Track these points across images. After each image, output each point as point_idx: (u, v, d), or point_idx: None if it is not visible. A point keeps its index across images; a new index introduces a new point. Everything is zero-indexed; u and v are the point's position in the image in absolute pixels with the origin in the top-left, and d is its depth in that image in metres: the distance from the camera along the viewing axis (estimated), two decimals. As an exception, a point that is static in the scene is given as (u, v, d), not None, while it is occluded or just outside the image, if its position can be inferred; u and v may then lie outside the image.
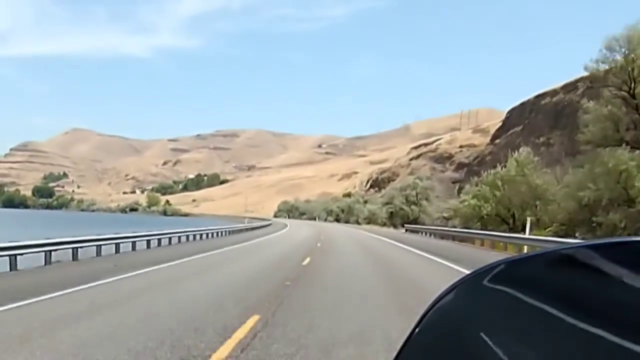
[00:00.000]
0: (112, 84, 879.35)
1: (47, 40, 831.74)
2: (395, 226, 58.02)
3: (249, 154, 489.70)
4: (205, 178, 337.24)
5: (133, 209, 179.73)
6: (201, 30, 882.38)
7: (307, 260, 18.21)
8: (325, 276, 13.80)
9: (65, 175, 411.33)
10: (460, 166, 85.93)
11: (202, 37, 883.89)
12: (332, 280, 12.98)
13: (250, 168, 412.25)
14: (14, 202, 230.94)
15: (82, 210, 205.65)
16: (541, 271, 0.87)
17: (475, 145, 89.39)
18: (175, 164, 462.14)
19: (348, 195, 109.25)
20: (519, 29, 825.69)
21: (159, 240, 24.18)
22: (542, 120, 78.54)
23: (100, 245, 18.45)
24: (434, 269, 16.93)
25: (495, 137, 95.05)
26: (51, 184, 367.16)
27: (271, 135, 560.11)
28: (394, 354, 1.02)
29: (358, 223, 78.21)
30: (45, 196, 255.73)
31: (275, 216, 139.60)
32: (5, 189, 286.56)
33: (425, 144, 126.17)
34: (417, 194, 59.78)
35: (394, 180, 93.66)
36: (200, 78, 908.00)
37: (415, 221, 57.32)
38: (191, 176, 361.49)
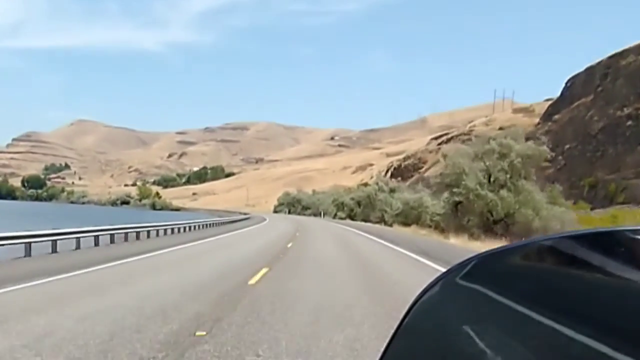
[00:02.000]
0: (123, 77, 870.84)
1: (60, 34, 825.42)
2: (472, 234, 27.52)
3: (259, 146, 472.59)
4: (210, 171, 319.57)
5: (124, 202, 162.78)
6: (213, 25, 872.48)
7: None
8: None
9: (67, 166, 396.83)
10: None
11: (214, 31, 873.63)
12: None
13: (258, 161, 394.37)
14: (1, 192, 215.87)
15: (72, 202, 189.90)
16: (519, 264, 0.85)
17: (520, 127, 70.13)
18: (180, 156, 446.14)
19: (365, 185, 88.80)
20: (535, 28, 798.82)
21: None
22: (623, 86, 58.66)
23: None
24: None
25: (551, 113, 75.52)
26: (51, 175, 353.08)
27: (282, 128, 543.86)
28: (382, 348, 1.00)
29: (384, 222, 54.50)
30: (36, 187, 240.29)
31: (275, 211, 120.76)
32: (0, 179, 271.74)
33: (447, 134, 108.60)
34: (510, 167, 28.55)
35: (420, 168, 74.40)
36: (211, 72, 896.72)
37: (510, 223, 28.70)
38: (195, 169, 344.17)
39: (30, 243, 15.29)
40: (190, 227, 32.88)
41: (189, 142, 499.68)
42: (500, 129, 73.23)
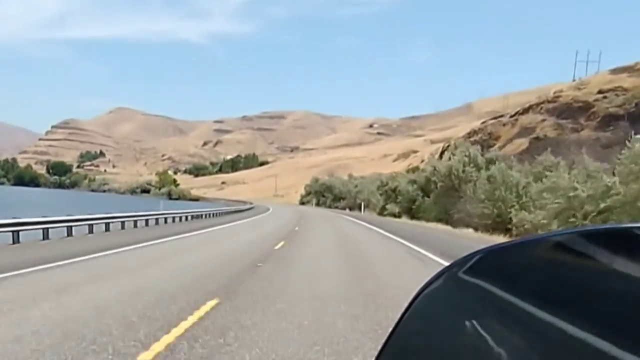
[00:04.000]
0: (164, 67, 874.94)
1: (104, 25, 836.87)
2: None
3: (295, 135, 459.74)
4: (243, 159, 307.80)
5: (145, 190, 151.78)
6: (254, 15, 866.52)
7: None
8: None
9: (101, 154, 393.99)
10: (608, 120, 49.37)
11: (255, 21, 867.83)
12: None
13: (294, 149, 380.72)
14: (24, 179, 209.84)
15: (93, 190, 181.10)
16: (525, 259, 0.83)
17: (627, 89, 52.35)
18: (215, 144, 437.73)
19: (413, 170, 67.86)
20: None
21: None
22: None
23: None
24: None
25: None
26: (85, 163, 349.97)
27: (319, 117, 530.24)
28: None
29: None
30: (60, 174, 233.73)
31: (302, 202, 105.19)
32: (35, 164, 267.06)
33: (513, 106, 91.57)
34: None
35: (491, 145, 57.55)
36: (250, 61, 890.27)
37: None
38: (229, 157, 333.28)
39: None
40: (179, 218, 31.75)
41: (225, 130, 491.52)
42: (600, 92, 55.43)
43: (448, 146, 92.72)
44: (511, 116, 67.69)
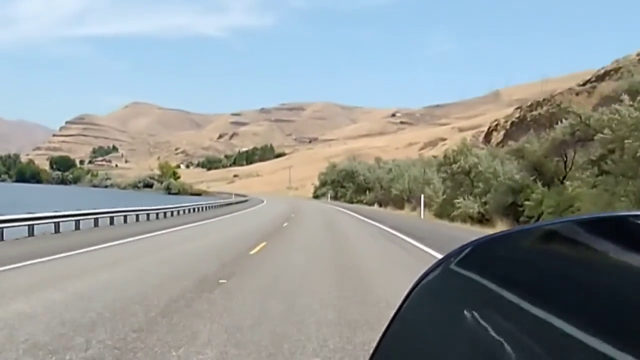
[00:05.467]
0: (181, 61, 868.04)
1: (123, 21, 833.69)
2: None
3: (314, 126, 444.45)
4: (259, 151, 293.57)
5: (147, 185, 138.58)
6: (273, 8, 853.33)
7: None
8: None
9: (114, 148, 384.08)
10: None
11: (274, 14, 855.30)
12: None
13: (312, 140, 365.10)
14: (25, 175, 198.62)
15: (94, 186, 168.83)
16: (519, 249, 0.81)
17: None
18: (231, 137, 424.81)
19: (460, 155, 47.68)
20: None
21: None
22: None
23: None
24: None
25: None
26: (98, 158, 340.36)
27: (339, 108, 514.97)
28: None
29: None
30: (64, 169, 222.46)
31: (315, 195, 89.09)
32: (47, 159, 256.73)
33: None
34: None
35: (553, 122, 41.05)
36: (269, 54, 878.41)
37: None
38: (244, 149, 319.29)
39: None
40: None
41: (242, 123, 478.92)
42: None
43: (497, 125, 76.62)
44: (581, 85, 51.48)
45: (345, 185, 75.58)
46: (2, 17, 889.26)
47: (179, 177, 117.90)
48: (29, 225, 16.34)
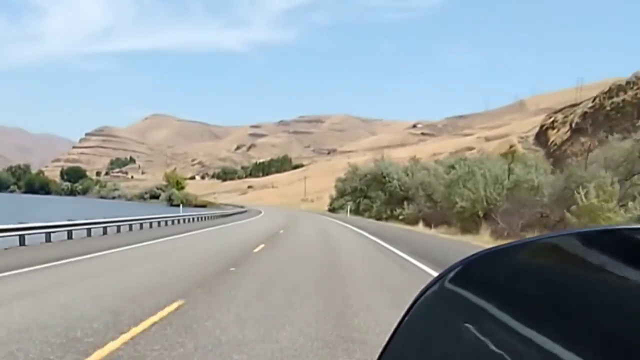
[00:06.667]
0: (204, 75, 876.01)
1: (148, 36, 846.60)
2: None
3: (333, 138, 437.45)
4: (276, 163, 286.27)
5: (154, 196, 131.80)
6: (295, 23, 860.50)
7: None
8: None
9: (132, 160, 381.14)
10: None
11: (296, 29, 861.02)
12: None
13: (331, 152, 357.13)
14: (34, 186, 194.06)
15: (102, 197, 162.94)
16: (513, 264, 0.79)
17: None
18: (249, 148, 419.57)
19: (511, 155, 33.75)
20: None
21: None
22: None
23: None
24: None
25: None
26: (115, 170, 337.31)
27: (359, 120, 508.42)
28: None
29: None
30: (74, 180, 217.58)
31: (331, 208, 79.55)
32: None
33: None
34: None
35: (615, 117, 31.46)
36: (290, 67, 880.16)
37: None
38: (261, 160, 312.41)
39: None
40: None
41: (260, 134, 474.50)
42: None
43: (553, 122, 67.41)
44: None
45: (370, 195, 58.92)
46: (30, 33, 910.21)
47: (182, 187, 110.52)
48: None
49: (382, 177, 55.69)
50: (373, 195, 57.88)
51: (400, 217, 44.69)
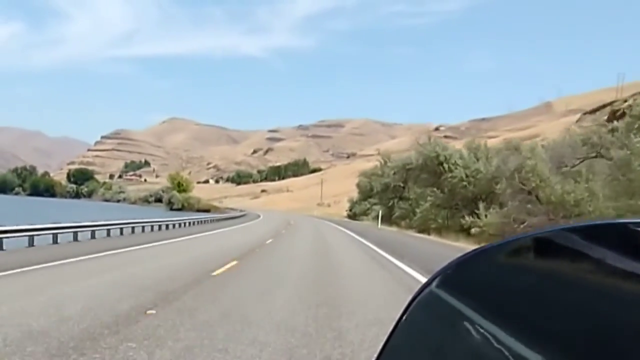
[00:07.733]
0: (224, 80, 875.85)
1: (169, 41, 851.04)
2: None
3: (352, 142, 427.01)
4: (293, 166, 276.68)
5: (158, 199, 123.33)
6: (315, 29, 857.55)
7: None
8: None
9: (146, 163, 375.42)
10: None
11: (316, 35, 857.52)
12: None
13: (350, 156, 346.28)
14: (39, 188, 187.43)
15: (106, 200, 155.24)
16: (500, 265, 0.77)
17: None
18: (266, 152, 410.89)
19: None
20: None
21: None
22: None
23: None
24: None
25: None
26: (129, 173, 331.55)
27: (379, 125, 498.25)
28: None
29: None
30: (80, 182, 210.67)
31: (351, 214, 68.31)
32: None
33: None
34: None
35: None
36: (309, 72, 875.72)
37: None
38: (278, 164, 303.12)
39: None
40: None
41: (278, 138, 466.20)
42: None
43: (621, 112, 56.23)
44: None
45: (408, 195, 40.94)
46: (53, 38, 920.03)
47: (184, 190, 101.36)
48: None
49: (439, 164, 35.81)
50: (415, 195, 38.71)
51: (474, 230, 26.08)
